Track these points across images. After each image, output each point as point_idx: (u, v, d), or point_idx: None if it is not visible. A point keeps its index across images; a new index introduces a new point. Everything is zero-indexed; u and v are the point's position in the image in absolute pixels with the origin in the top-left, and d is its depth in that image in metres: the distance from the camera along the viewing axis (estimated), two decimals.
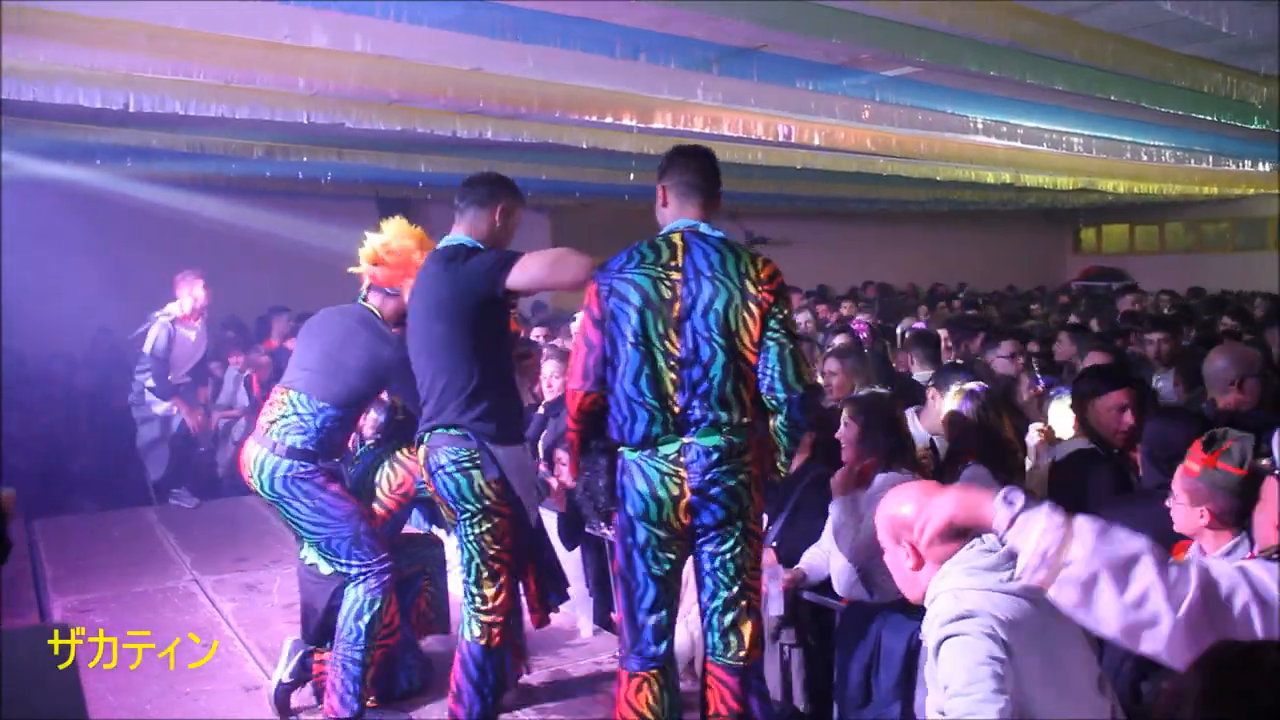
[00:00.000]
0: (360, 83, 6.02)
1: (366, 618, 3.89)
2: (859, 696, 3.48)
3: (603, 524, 3.68)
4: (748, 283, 3.12)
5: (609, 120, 7.14)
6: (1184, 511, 2.81)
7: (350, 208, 11.94)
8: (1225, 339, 6.56)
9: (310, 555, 4.12)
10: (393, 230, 4.10)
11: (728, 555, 3.18)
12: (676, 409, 3.12)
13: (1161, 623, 1.66)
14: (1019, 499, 1.80)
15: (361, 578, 3.92)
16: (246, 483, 4.03)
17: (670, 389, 3.12)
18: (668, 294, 3.14)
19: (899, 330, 8.92)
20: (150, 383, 7.45)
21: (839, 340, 6.54)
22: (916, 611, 3.51)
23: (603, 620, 4.96)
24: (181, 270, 7.62)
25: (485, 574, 3.56)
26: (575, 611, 5.09)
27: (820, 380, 5.37)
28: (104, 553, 6.31)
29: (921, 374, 5.93)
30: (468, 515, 3.54)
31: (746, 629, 3.23)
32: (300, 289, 9.37)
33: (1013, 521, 1.78)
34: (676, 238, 3.21)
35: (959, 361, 6.11)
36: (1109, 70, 6.18)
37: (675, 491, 3.12)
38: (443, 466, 3.53)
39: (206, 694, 4.31)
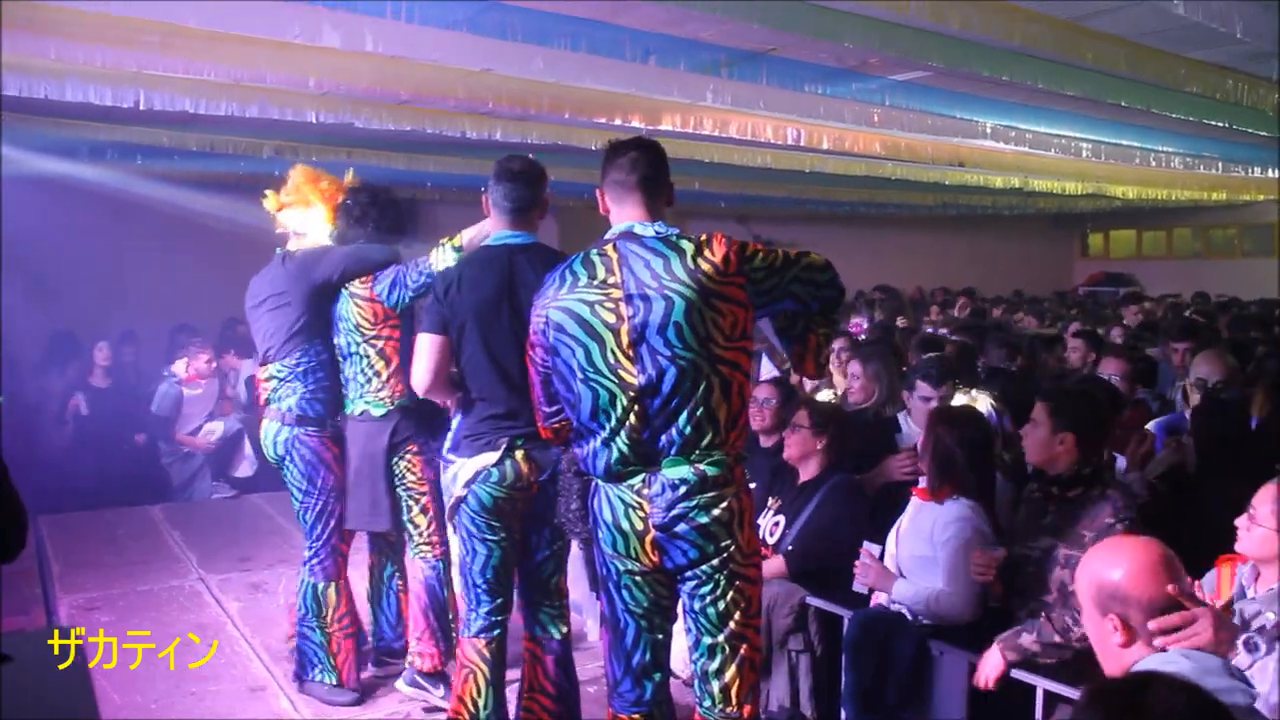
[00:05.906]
0: (370, 83, 6.03)
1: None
2: (867, 704, 3.46)
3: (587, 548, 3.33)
4: (703, 279, 2.67)
5: (618, 122, 7.13)
6: (1263, 536, 2.44)
7: None
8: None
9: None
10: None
11: (708, 599, 2.77)
12: (640, 440, 2.72)
13: None
14: (1263, 645, 1.82)
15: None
16: None
17: (632, 420, 2.71)
18: (610, 318, 2.71)
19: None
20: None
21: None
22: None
23: None
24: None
25: None
26: (582, 615, 5.09)
27: (837, 375, 5.37)
28: (110, 551, 6.32)
29: None
30: None
31: (734, 682, 2.82)
32: None
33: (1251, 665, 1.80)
34: (610, 249, 2.78)
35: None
36: (1119, 76, 6.17)
37: (639, 526, 2.75)
38: None
39: (211, 694, 4.31)
